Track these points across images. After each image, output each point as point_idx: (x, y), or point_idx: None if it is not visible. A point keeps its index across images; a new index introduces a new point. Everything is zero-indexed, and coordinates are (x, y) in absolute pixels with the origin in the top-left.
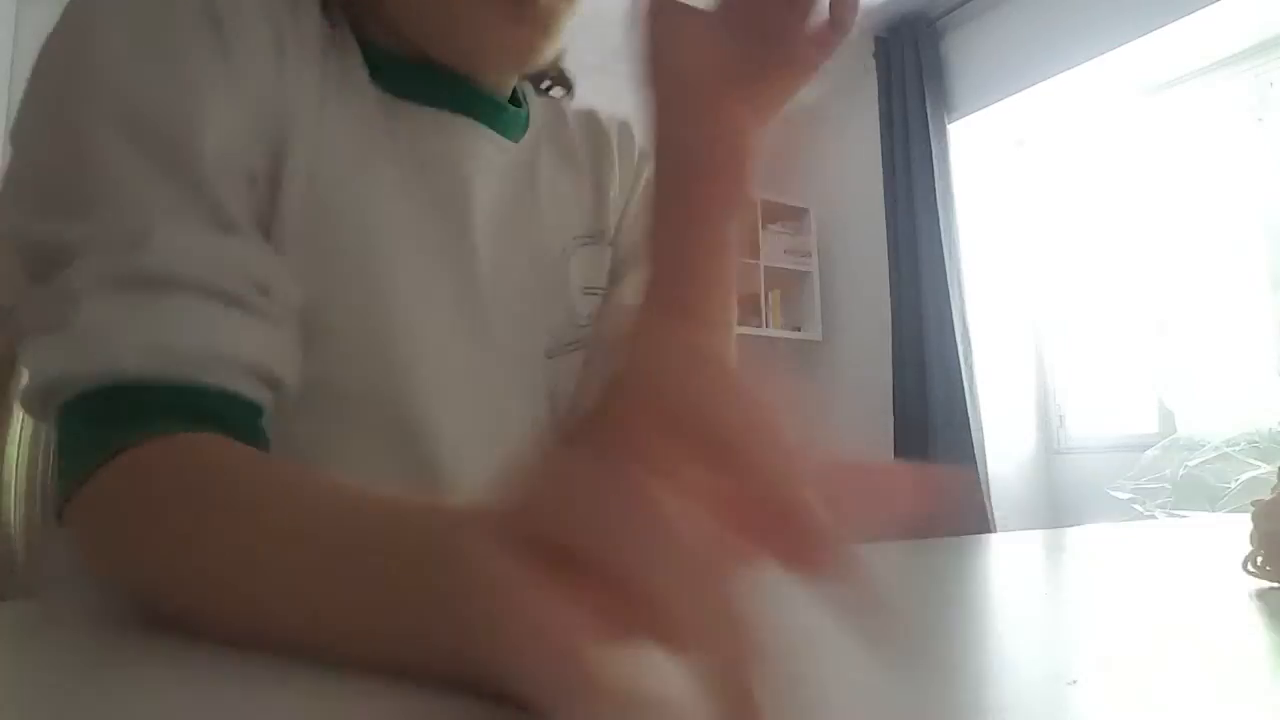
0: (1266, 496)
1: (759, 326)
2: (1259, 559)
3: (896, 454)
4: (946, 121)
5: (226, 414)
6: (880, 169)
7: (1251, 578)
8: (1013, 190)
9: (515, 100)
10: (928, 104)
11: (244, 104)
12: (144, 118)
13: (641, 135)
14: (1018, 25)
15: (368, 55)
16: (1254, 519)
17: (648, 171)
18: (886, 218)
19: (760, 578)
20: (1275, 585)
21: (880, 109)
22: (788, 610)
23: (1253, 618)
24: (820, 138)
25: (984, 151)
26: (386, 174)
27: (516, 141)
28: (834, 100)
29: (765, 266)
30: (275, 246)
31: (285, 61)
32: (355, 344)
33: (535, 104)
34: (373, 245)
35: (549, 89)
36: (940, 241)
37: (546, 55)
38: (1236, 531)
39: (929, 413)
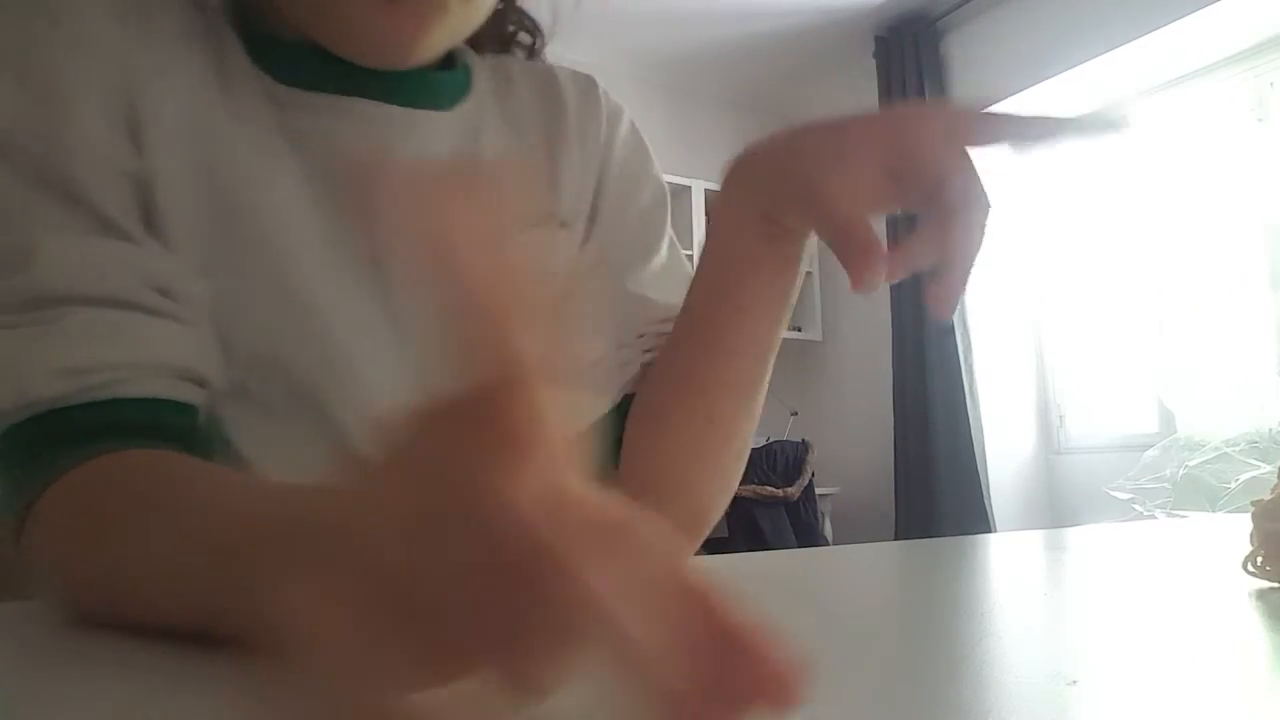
0: (1266, 496)
1: None
2: (1259, 559)
3: (897, 454)
4: None
5: (155, 422)
6: None
7: (1251, 578)
8: (1013, 190)
9: (449, 64)
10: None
11: (102, 104)
12: (5, 135)
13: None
14: (1018, 25)
15: (256, 42)
16: (1254, 519)
17: (624, 130)
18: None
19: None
20: (1275, 585)
21: (880, 109)
22: (786, 609)
23: (1253, 618)
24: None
25: (983, 151)
26: (283, 169)
27: (447, 110)
28: (834, 100)
29: None
30: (167, 245)
31: (137, 50)
32: (269, 348)
33: (480, 66)
34: (278, 252)
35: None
36: None
37: (435, 47)
38: (1236, 531)
39: (929, 413)
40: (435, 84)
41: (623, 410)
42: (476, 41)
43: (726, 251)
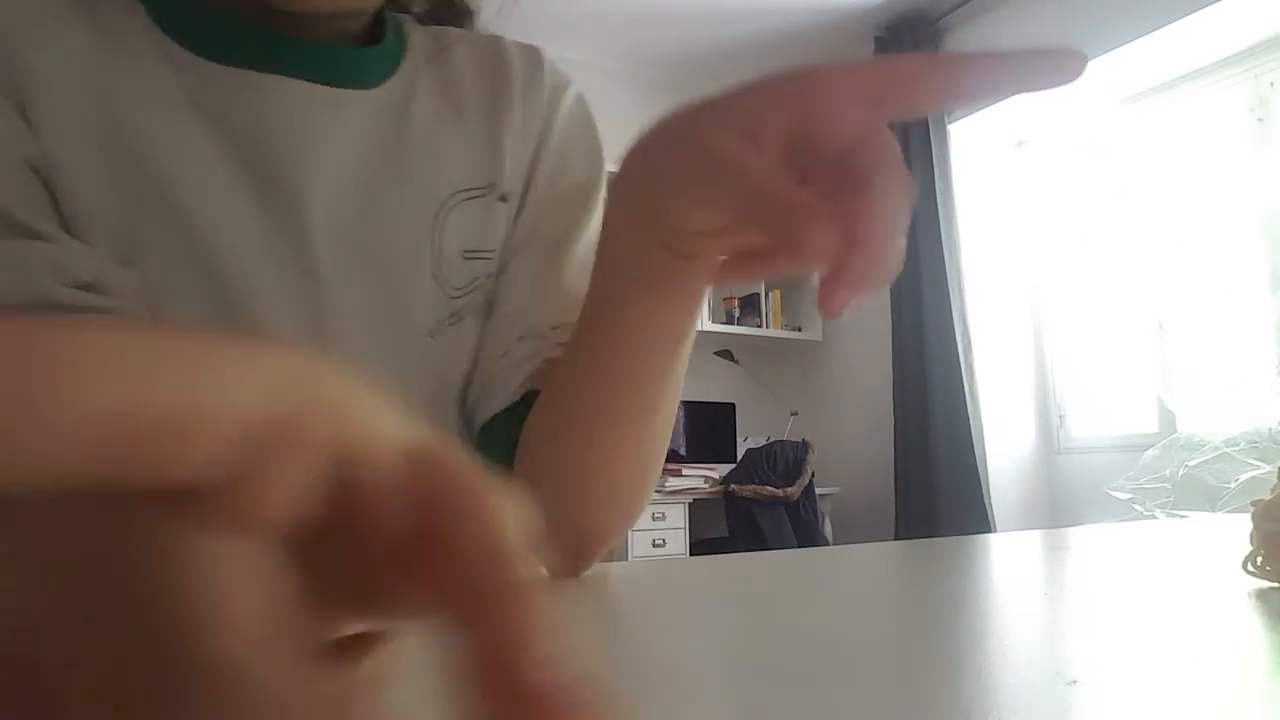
0: (1266, 496)
1: (759, 326)
2: (1259, 559)
3: (897, 454)
4: (946, 121)
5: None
6: None
7: (1251, 578)
8: (1013, 190)
9: (376, 38)
10: None
11: None
12: None
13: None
14: (1018, 25)
15: (169, 13)
16: (1254, 519)
17: (568, 102)
18: None
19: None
20: (1275, 585)
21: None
22: (786, 609)
23: (1253, 618)
24: None
25: (984, 151)
26: (200, 145)
27: (372, 87)
28: None
29: None
30: (82, 233)
31: (16, 27)
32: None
33: (416, 36)
34: (200, 231)
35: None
36: (940, 241)
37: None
38: (1236, 531)
39: (929, 413)
40: (359, 60)
41: (528, 404)
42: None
43: (617, 272)
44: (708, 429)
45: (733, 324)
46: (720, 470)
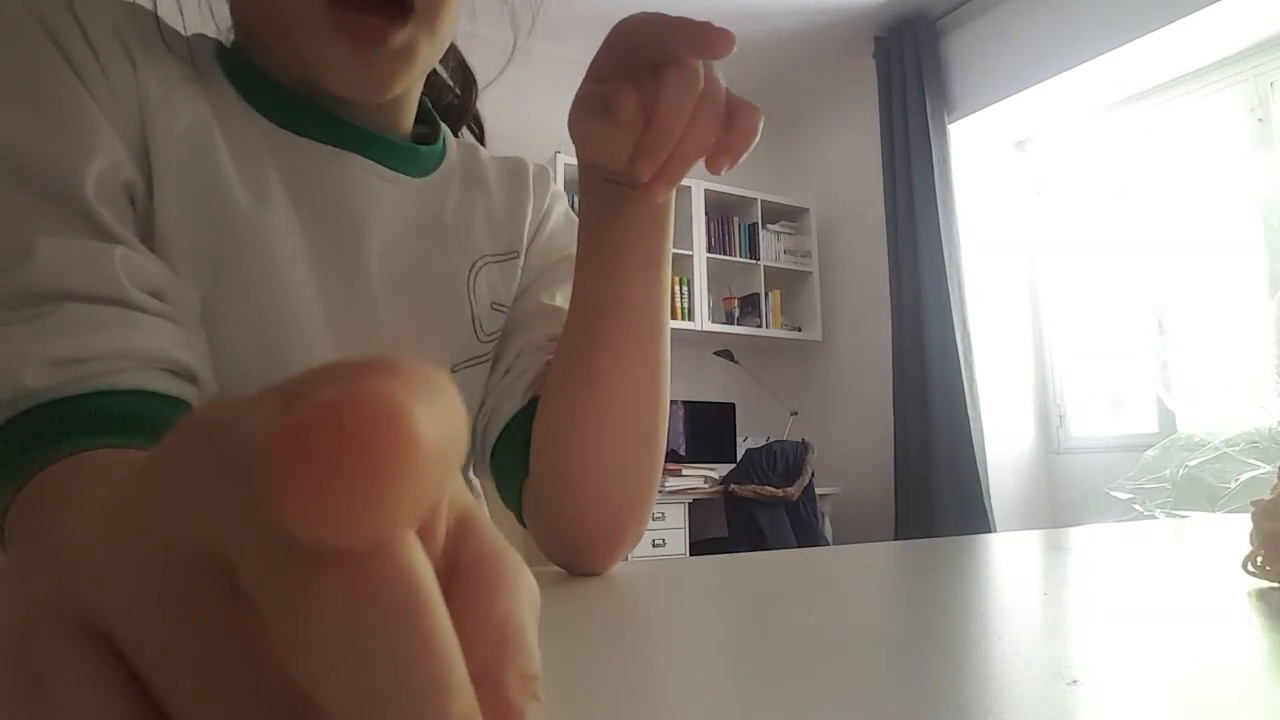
0: (1266, 496)
1: (759, 326)
2: (1259, 559)
3: (897, 454)
4: (946, 121)
5: (145, 415)
6: (880, 169)
7: (1251, 578)
8: (1013, 190)
9: (426, 139)
10: (928, 104)
11: (114, 131)
12: (14, 157)
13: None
14: (1018, 25)
15: (246, 85)
16: (1254, 519)
17: (560, 210)
18: (886, 218)
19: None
20: (1275, 585)
21: (880, 109)
22: (786, 609)
23: (1253, 618)
24: (820, 138)
25: (984, 151)
26: (277, 202)
27: (421, 178)
28: (834, 100)
29: (765, 266)
30: (168, 259)
31: (147, 90)
32: (252, 377)
33: (453, 146)
34: (273, 279)
35: (456, 117)
36: (940, 241)
37: (404, 86)
38: (1236, 531)
39: (929, 413)
40: (414, 154)
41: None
42: (452, 120)
43: (584, 215)
44: (708, 429)
45: (733, 324)
46: (720, 470)
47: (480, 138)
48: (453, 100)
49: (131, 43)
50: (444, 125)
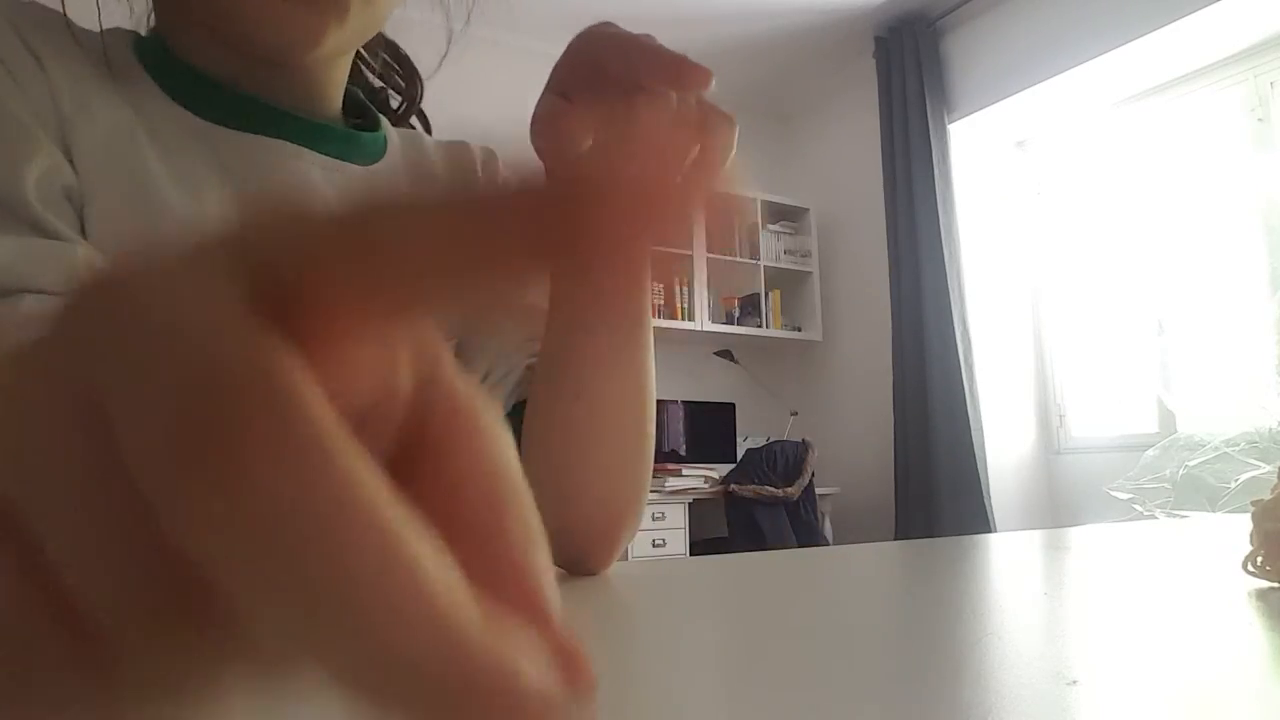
0: (1266, 496)
1: (759, 326)
2: (1259, 559)
3: (897, 454)
4: (946, 121)
5: None
6: (880, 169)
7: (1251, 578)
8: (1013, 190)
9: (366, 127)
10: (928, 104)
11: (45, 134)
12: None
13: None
14: (1018, 25)
15: (170, 79)
16: (1254, 519)
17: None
18: (886, 218)
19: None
20: (1275, 585)
21: (880, 109)
22: (786, 609)
23: (1253, 618)
24: (820, 138)
25: (984, 151)
26: (216, 197)
27: (365, 165)
28: (834, 100)
29: (765, 266)
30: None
31: (61, 90)
32: None
33: (394, 135)
34: None
35: (402, 112)
36: (940, 241)
37: (336, 44)
38: (1236, 531)
39: (929, 413)
40: (355, 140)
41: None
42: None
43: None
44: (708, 429)
45: (733, 324)
46: (720, 470)
47: (425, 126)
48: (395, 94)
49: (34, 42)
50: (383, 117)
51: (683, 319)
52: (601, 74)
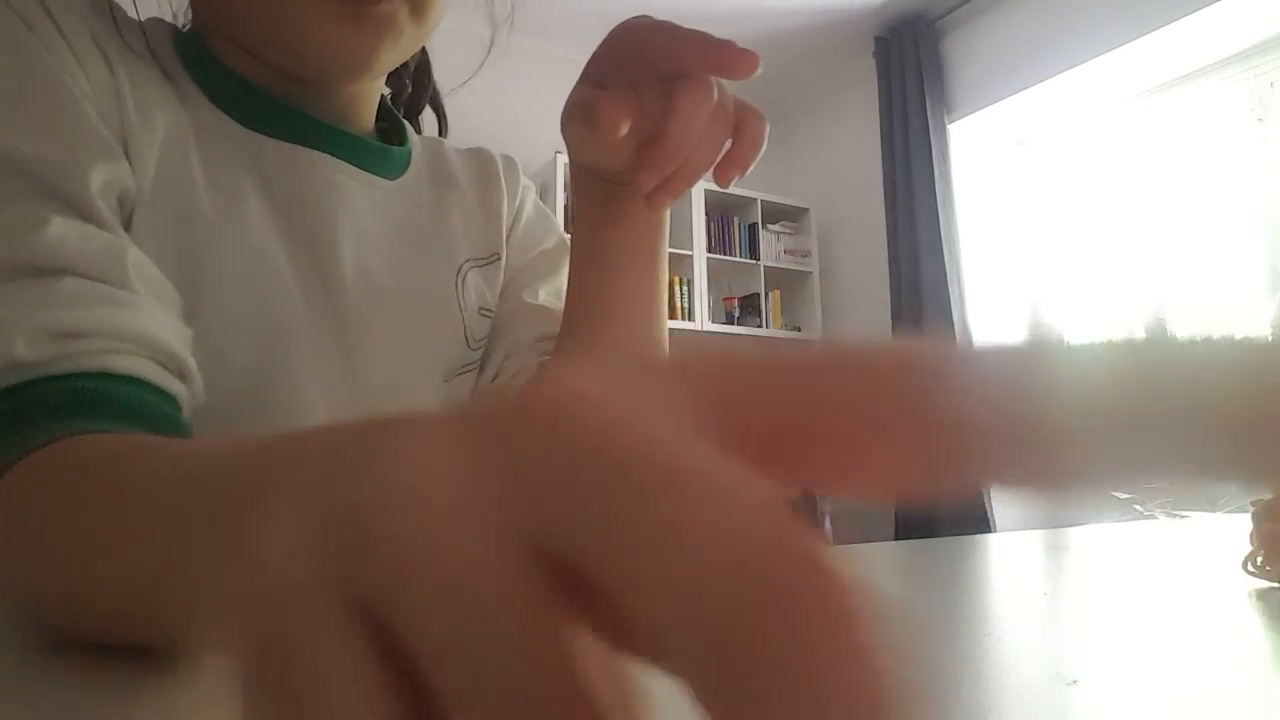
0: (1266, 496)
1: (759, 326)
2: (1259, 559)
3: None
4: (946, 121)
5: (146, 406)
6: (880, 169)
7: (1251, 578)
8: (1013, 190)
9: (393, 140)
10: (928, 104)
11: (108, 135)
12: (15, 162)
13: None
14: (1018, 25)
15: (211, 84)
16: (1254, 519)
17: (531, 202)
18: (886, 218)
19: None
20: (1275, 585)
21: (880, 109)
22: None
23: (1253, 618)
24: (820, 138)
25: (984, 151)
26: (255, 208)
27: (394, 180)
28: (834, 100)
29: (765, 266)
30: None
31: (125, 95)
32: (236, 379)
33: (416, 144)
34: (248, 281)
35: (415, 108)
36: (940, 241)
37: (388, 61)
38: (1236, 531)
39: None
40: (385, 155)
41: None
42: (411, 111)
43: (580, 214)
44: None
45: (733, 324)
46: None
47: (442, 124)
48: (407, 90)
49: (102, 39)
50: (408, 124)
51: (683, 319)
52: (639, 64)
